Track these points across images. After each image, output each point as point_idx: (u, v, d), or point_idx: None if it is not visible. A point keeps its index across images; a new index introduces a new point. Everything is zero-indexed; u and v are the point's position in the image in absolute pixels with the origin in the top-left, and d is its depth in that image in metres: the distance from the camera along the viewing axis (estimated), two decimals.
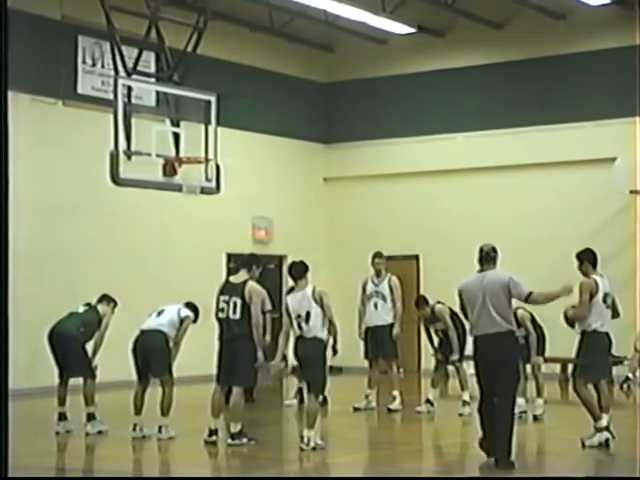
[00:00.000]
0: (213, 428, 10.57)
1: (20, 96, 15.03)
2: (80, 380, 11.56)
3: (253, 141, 19.87)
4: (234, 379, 10.56)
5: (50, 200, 16.37)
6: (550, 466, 10.13)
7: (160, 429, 10.97)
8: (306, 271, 10.39)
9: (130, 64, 12.61)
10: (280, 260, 20.10)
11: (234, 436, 10.48)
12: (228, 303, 10.53)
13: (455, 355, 13.53)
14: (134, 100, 12.58)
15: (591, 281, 10.20)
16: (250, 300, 10.47)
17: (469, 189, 19.97)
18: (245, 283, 10.58)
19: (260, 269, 10.93)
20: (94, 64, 17.20)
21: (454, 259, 17.97)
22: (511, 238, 17.35)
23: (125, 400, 11.86)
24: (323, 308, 10.12)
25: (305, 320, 10.09)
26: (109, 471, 9.57)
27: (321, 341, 10.14)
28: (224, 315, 10.56)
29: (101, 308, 11.80)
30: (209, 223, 18.66)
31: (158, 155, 12.01)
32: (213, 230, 18.84)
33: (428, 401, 13.66)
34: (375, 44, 20.76)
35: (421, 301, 13.86)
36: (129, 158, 11.74)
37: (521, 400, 12.11)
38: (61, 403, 11.47)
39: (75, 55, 17.01)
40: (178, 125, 12.58)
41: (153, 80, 14.06)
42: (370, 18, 18.53)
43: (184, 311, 11.52)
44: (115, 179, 11.62)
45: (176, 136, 12.47)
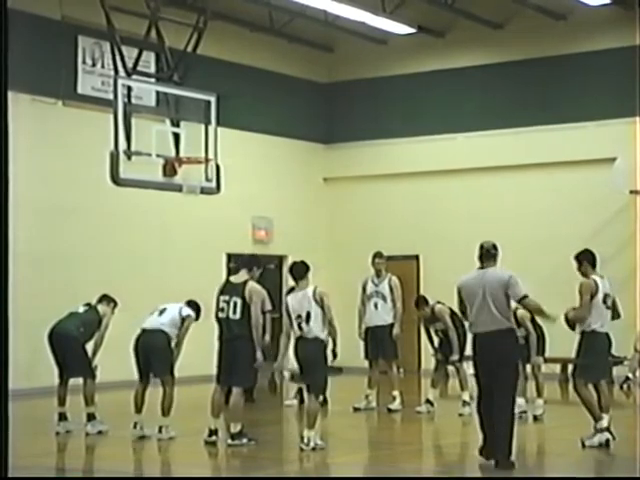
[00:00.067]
0: (213, 428, 10.56)
1: (20, 96, 15.03)
2: (80, 380, 11.55)
3: (253, 141, 19.87)
4: (234, 379, 10.56)
5: (50, 200, 16.37)
6: (550, 466, 10.14)
7: (160, 429, 10.95)
8: (307, 271, 10.37)
9: (130, 64, 12.61)
10: (280, 260, 20.09)
11: (234, 436, 10.47)
12: (228, 303, 10.53)
13: (455, 355, 13.52)
14: (134, 100, 12.58)
15: (591, 282, 10.20)
16: (250, 300, 10.46)
17: (469, 189, 19.96)
18: (246, 283, 10.57)
19: (260, 270, 10.94)
20: (94, 64, 17.19)
21: (454, 259, 17.94)
22: (511, 238, 17.33)
23: (125, 400, 11.86)
24: (323, 309, 10.12)
25: (305, 320, 10.08)
26: (109, 471, 9.57)
27: (322, 342, 10.11)
28: (224, 315, 10.55)
29: (101, 308, 11.79)
30: (209, 223, 18.65)
31: (158, 155, 12.01)
32: (213, 230, 18.84)
33: (428, 401, 13.66)
34: (375, 44, 20.75)
35: (421, 301, 13.86)
36: (129, 158, 11.74)
37: (521, 400, 12.10)
38: (61, 403, 11.46)
39: (75, 55, 17.01)
40: (178, 125, 12.58)
41: (153, 80, 14.06)
42: (370, 18, 18.53)
43: (185, 310, 11.51)
44: (115, 179, 11.62)
45: (176, 136, 12.47)
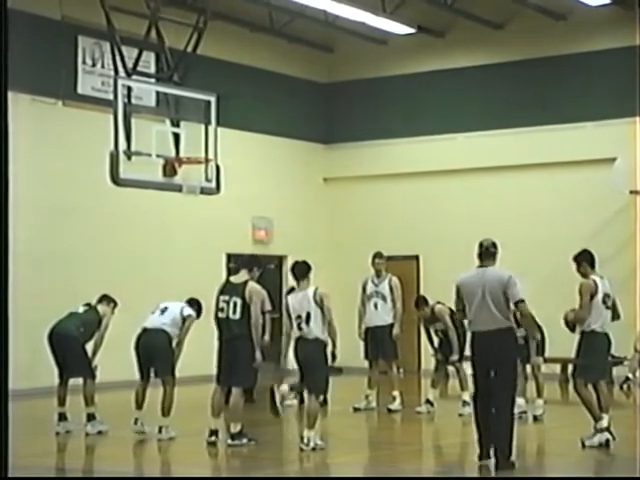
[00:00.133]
0: (213, 428, 10.56)
1: (20, 96, 15.03)
2: (80, 380, 11.55)
3: (253, 141, 19.86)
4: (234, 379, 10.56)
5: (50, 200, 16.37)
6: (550, 466, 10.15)
7: (160, 429, 10.95)
8: (309, 271, 10.36)
9: (130, 64, 12.61)
10: (280, 260, 20.09)
11: (234, 436, 10.47)
12: (228, 303, 10.52)
13: (455, 355, 13.52)
14: (134, 100, 12.58)
15: (590, 282, 10.20)
16: (250, 300, 10.46)
17: (469, 189, 19.96)
18: (246, 283, 10.57)
19: (260, 270, 10.94)
20: (94, 64, 17.19)
21: (454, 259, 17.90)
22: (511, 238, 17.30)
23: (125, 400, 11.86)
24: (323, 310, 10.11)
25: (305, 321, 10.07)
26: (109, 471, 9.57)
27: (322, 342, 10.11)
28: (224, 315, 10.55)
29: (101, 308, 11.79)
30: (209, 223, 18.65)
31: (158, 155, 12.00)
32: (213, 230, 18.83)
33: (428, 401, 13.66)
34: (375, 44, 20.75)
35: (421, 301, 13.87)
36: (129, 158, 11.74)
37: (521, 400, 12.11)
38: (61, 403, 11.46)
39: (75, 55, 17.00)
40: (178, 125, 12.58)
41: (153, 80, 14.06)
42: (370, 18, 18.52)
43: (187, 310, 11.52)
44: (115, 179, 11.61)
45: (176, 136, 12.47)
